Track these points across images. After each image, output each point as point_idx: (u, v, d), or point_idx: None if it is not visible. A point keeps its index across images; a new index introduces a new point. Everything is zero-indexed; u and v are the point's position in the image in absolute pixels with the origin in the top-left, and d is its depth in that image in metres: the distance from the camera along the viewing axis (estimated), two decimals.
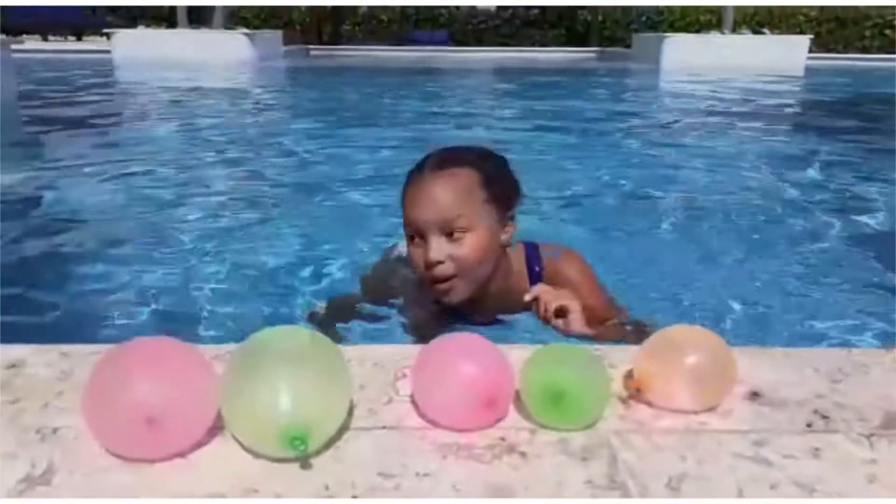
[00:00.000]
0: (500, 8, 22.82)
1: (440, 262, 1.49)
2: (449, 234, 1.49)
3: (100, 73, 10.65)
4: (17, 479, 0.79)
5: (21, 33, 15.62)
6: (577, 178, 3.86)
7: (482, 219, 1.52)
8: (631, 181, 3.83)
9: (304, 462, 0.82)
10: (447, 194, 1.49)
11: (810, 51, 14.64)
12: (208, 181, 3.78)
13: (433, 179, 1.52)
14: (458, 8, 22.78)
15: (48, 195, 3.31)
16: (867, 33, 20.12)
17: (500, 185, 1.58)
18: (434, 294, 1.57)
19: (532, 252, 1.70)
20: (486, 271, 1.56)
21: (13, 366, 1.02)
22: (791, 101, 9.11)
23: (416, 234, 1.52)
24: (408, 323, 1.71)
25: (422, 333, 1.62)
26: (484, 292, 1.61)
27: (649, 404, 0.95)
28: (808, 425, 0.91)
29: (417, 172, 1.56)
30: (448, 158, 1.57)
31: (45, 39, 17.95)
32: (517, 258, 1.68)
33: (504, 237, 1.59)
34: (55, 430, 0.88)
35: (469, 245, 1.50)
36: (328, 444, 0.85)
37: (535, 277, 1.68)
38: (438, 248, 1.49)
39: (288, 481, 0.79)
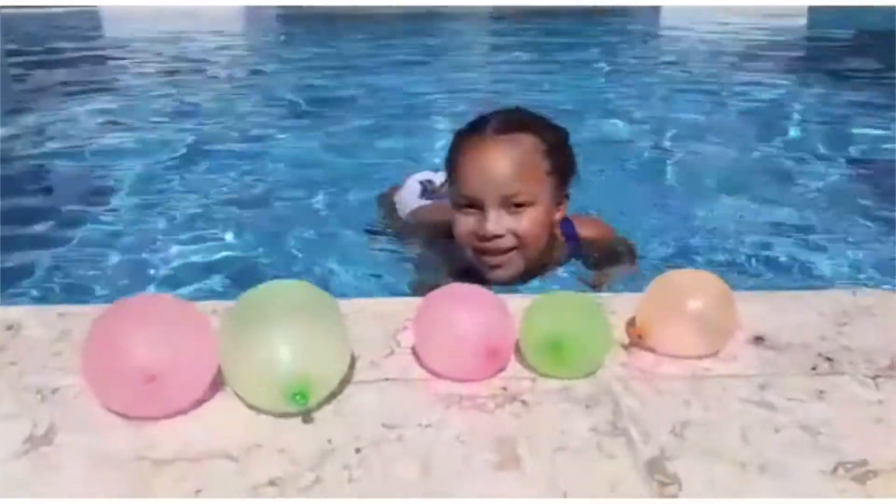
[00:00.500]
0: None
1: (498, 236, 1.38)
2: (509, 208, 1.37)
3: (88, 27, 10.43)
4: (21, 439, 0.78)
5: None
6: (576, 122, 3.80)
7: (544, 192, 1.40)
8: (631, 124, 3.77)
9: (307, 416, 0.81)
10: (510, 163, 1.36)
11: None
12: (202, 133, 3.72)
13: (495, 145, 1.38)
14: None
15: (39, 152, 3.27)
16: None
17: (562, 156, 1.45)
18: (481, 266, 1.43)
19: (569, 229, 1.59)
20: (542, 247, 1.44)
21: (10, 327, 1.02)
22: (794, 41, 8.93)
23: (471, 203, 1.39)
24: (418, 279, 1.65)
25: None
26: (530, 271, 1.49)
27: (652, 350, 0.94)
28: (813, 368, 0.91)
29: (476, 135, 1.41)
30: (510, 122, 1.42)
31: None
32: (559, 235, 1.58)
33: (557, 215, 1.47)
34: (55, 391, 0.87)
35: (530, 219, 1.38)
36: (330, 398, 0.85)
37: (572, 252, 1.61)
38: (498, 220, 1.37)
39: (291, 436, 0.79)
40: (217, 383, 0.86)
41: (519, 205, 1.37)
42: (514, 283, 1.47)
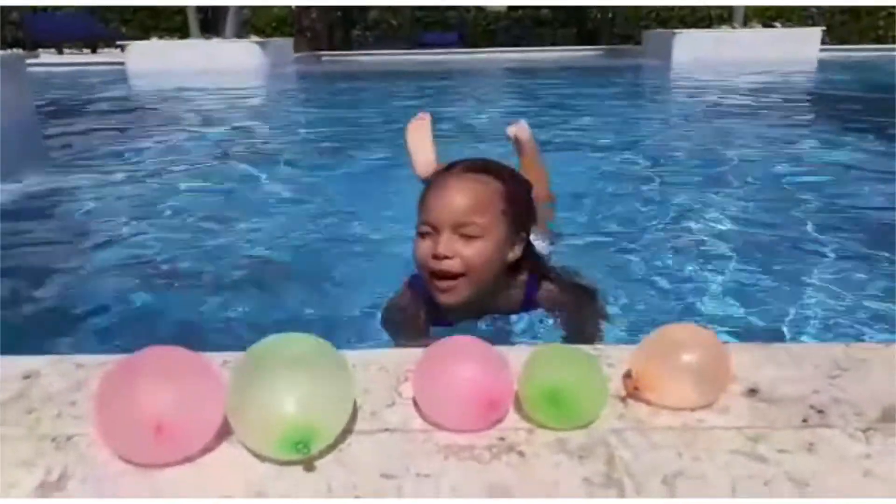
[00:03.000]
0: (510, 8, 22.79)
1: (448, 258, 1.52)
2: (461, 235, 1.52)
3: (115, 85, 10.78)
4: (34, 486, 0.82)
5: (36, 47, 15.86)
6: (588, 175, 3.87)
7: (495, 228, 1.55)
8: (642, 176, 3.83)
9: (308, 465, 0.84)
10: (468, 197, 1.53)
11: (823, 43, 14.50)
12: (222, 189, 3.82)
13: (459, 181, 1.57)
14: (468, 10, 22.75)
15: (64, 206, 3.37)
16: (881, 23, 19.85)
17: (519, 204, 1.63)
18: (434, 291, 1.58)
19: (533, 283, 1.71)
20: (489, 278, 1.58)
21: (29, 376, 1.06)
22: (804, 95, 9.03)
23: (429, 229, 1.55)
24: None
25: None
26: (479, 304, 1.65)
27: (648, 403, 0.96)
28: (804, 420, 0.92)
29: (445, 172, 1.62)
30: (476, 166, 1.62)
31: (61, 52, 18.15)
32: (520, 281, 1.71)
33: (511, 255, 1.62)
34: (69, 438, 0.91)
35: (478, 249, 1.53)
36: (332, 447, 0.87)
37: (527, 305, 1.72)
38: (448, 243, 1.52)
39: (292, 484, 0.82)
40: (223, 432, 0.89)
41: (470, 236, 1.52)
42: (467, 313, 1.65)
